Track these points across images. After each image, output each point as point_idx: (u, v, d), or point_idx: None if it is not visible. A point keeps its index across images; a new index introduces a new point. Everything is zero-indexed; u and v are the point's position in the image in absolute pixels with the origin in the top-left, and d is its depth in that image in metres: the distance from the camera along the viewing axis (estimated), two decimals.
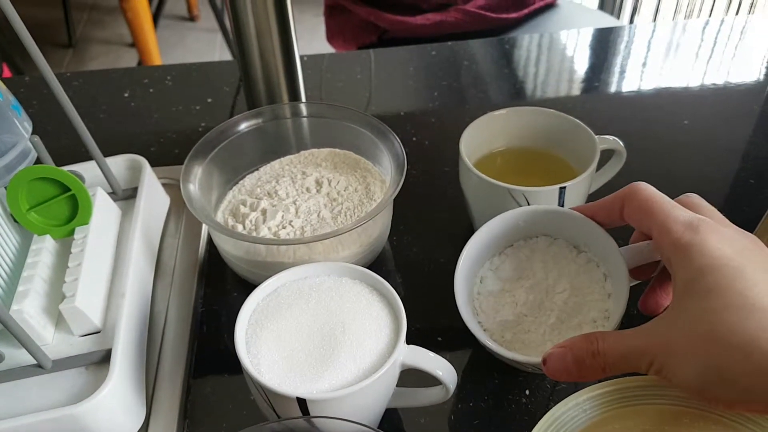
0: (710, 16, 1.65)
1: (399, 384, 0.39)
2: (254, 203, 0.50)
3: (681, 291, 0.32)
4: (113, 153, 0.53)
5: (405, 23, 1.04)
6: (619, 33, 0.81)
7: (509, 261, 0.44)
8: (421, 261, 0.53)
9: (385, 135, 0.50)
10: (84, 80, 0.75)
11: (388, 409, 0.41)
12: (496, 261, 0.45)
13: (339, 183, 0.51)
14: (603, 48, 0.79)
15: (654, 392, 0.35)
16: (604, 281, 0.42)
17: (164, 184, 0.55)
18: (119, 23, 2.26)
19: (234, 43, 0.62)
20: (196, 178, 0.49)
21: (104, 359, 0.40)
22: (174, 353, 0.45)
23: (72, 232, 0.46)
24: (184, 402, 0.44)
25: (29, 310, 0.40)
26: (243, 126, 0.53)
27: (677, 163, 0.61)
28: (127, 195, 0.52)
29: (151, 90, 0.73)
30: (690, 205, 0.36)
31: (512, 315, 0.42)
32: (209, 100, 0.71)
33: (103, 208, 0.48)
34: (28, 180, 0.43)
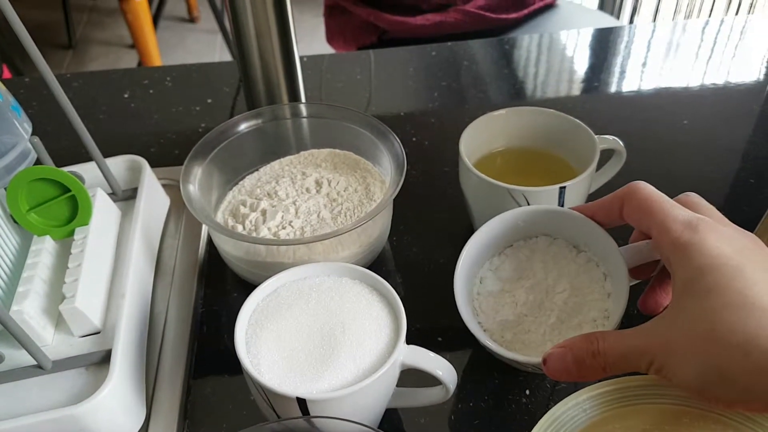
0: (710, 16, 1.65)
1: (399, 384, 0.39)
2: (254, 204, 0.50)
3: (680, 290, 0.32)
4: (113, 154, 0.53)
5: (405, 24, 1.04)
6: (619, 33, 0.81)
7: (509, 261, 0.44)
8: (421, 261, 0.53)
9: (385, 135, 0.50)
10: (84, 81, 0.75)
11: (388, 409, 0.41)
12: (496, 261, 0.45)
13: (339, 183, 0.51)
14: (603, 48, 0.79)
15: (654, 392, 0.35)
16: (604, 281, 0.42)
17: (164, 185, 0.55)
18: (119, 24, 2.26)
19: (234, 44, 0.62)
20: (196, 179, 0.49)
21: (104, 360, 0.40)
22: (174, 353, 0.45)
23: (72, 233, 0.46)
24: (184, 402, 0.44)
25: (29, 311, 0.40)
26: (243, 126, 0.53)
27: (677, 163, 0.61)
28: (127, 196, 0.52)
29: (151, 91, 0.73)
30: (689, 205, 0.36)
31: (512, 315, 0.42)
32: (209, 101, 0.71)
33: (103, 209, 0.48)
34: (28, 181, 0.43)
